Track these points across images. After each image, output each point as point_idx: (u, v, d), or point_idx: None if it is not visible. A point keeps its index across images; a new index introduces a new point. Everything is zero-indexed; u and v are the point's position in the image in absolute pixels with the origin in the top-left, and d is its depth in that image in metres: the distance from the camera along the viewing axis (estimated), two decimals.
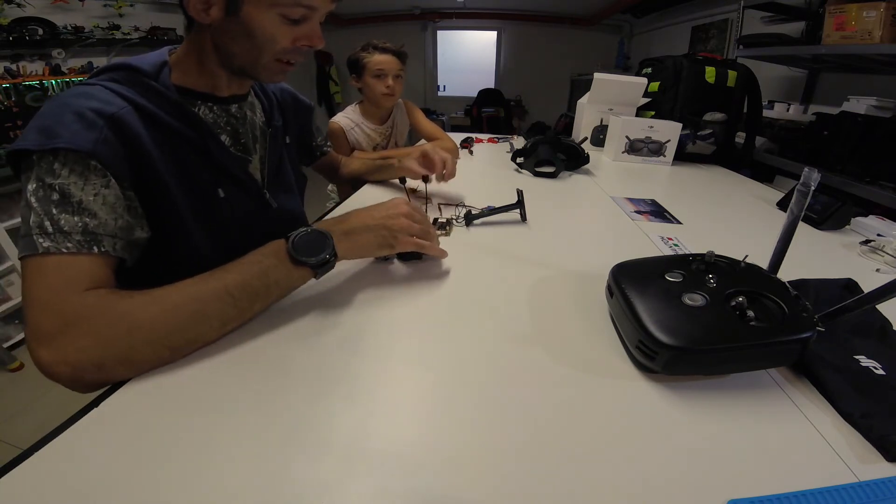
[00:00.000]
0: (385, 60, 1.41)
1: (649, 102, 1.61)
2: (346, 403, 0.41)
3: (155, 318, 0.43)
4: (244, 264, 0.50)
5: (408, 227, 0.60)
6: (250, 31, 0.57)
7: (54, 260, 0.45)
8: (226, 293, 0.47)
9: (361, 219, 0.59)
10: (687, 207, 1.02)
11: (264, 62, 0.60)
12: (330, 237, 0.54)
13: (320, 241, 0.54)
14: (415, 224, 0.61)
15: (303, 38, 0.60)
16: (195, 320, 0.45)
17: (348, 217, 0.59)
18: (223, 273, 0.48)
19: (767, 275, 0.50)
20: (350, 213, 0.60)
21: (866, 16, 1.40)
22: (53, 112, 0.49)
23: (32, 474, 0.33)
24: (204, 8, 0.55)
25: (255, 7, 0.55)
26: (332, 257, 0.54)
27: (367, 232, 0.58)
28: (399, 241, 0.59)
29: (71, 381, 0.41)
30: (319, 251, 0.53)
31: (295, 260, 0.51)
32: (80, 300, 0.43)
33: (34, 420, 1.50)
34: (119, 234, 0.50)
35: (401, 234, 0.59)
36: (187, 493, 0.32)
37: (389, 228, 0.59)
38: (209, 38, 0.59)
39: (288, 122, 0.82)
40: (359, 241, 0.57)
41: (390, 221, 0.59)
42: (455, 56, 5.79)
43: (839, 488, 0.33)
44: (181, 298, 0.45)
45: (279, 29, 0.57)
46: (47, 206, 0.46)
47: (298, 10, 0.57)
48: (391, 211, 0.60)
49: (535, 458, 0.36)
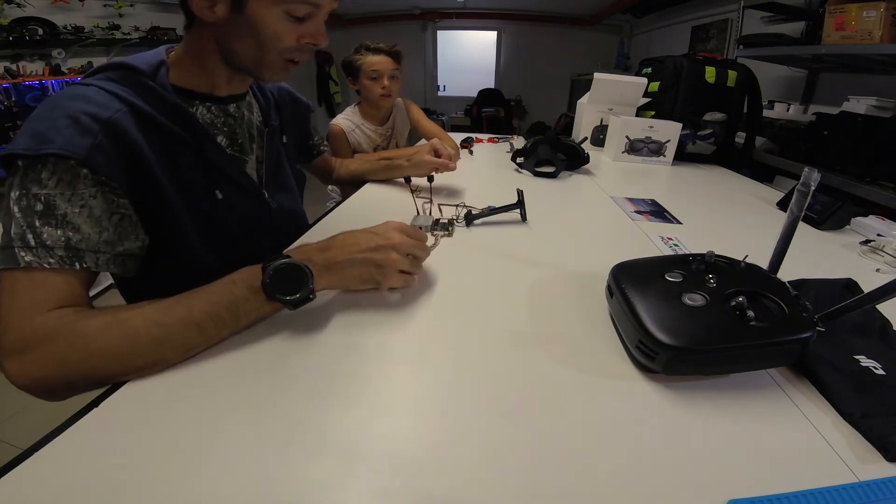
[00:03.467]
0: (379, 61, 1.41)
1: (649, 102, 1.61)
2: (346, 403, 0.41)
3: (112, 342, 0.42)
4: (214, 292, 0.47)
5: (398, 263, 0.55)
6: (255, 29, 0.56)
7: (31, 276, 0.44)
8: (191, 322, 0.44)
9: (347, 250, 0.53)
10: (687, 207, 1.02)
11: (269, 60, 0.60)
12: (309, 273, 0.49)
13: (298, 276, 0.49)
14: (405, 258, 0.56)
15: (307, 36, 0.60)
16: (156, 346, 0.43)
17: (333, 245, 0.54)
18: (190, 300, 0.46)
19: (767, 275, 0.50)
20: (335, 241, 0.55)
21: (866, 16, 1.40)
22: (47, 115, 0.48)
23: (32, 474, 0.33)
24: (209, 5, 0.54)
25: (261, 4, 0.55)
26: (310, 296, 0.49)
27: (352, 266, 0.53)
28: (386, 278, 0.55)
29: (40, 394, 0.43)
30: (296, 289, 0.48)
31: (269, 294, 0.48)
32: (43, 321, 0.42)
33: (34, 420, 1.49)
34: (102, 248, 0.50)
35: (389, 270, 0.54)
36: (187, 493, 0.32)
37: (378, 265, 0.54)
38: (211, 37, 0.59)
39: (286, 121, 0.82)
40: (341, 276, 0.53)
41: (378, 256, 0.54)
42: (455, 56, 5.79)
43: (839, 488, 0.33)
44: (142, 323, 0.43)
45: (284, 26, 0.57)
46: (30, 218, 0.45)
47: (304, 8, 0.57)
48: (381, 241, 0.54)
49: (535, 457, 0.36)
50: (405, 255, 0.56)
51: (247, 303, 0.47)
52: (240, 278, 0.48)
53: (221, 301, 0.46)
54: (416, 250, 0.57)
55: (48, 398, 0.43)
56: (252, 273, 0.49)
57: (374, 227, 0.57)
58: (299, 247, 0.54)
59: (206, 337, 0.45)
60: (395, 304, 0.57)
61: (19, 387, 0.42)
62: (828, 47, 1.57)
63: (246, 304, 0.47)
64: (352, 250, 0.53)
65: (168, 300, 0.45)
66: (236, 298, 0.47)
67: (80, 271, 0.47)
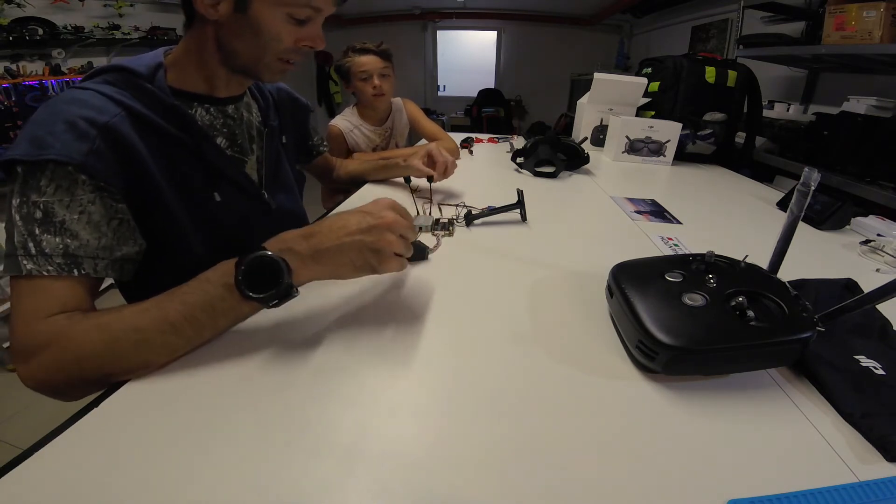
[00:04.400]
0: (367, 61, 1.40)
1: (649, 102, 1.61)
2: (346, 403, 0.41)
3: (96, 346, 0.43)
4: (188, 292, 0.45)
5: (394, 245, 0.47)
6: (257, 29, 0.57)
7: (32, 284, 0.46)
8: (167, 324, 0.43)
9: (336, 234, 0.46)
10: (687, 207, 1.02)
11: (267, 61, 0.60)
12: (285, 266, 0.44)
13: (274, 270, 0.44)
14: (399, 239, 0.49)
15: (305, 39, 0.60)
16: (136, 350, 0.43)
17: (318, 230, 0.47)
18: (166, 300, 0.44)
19: (767, 275, 0.50)
20: (322, 225, 0.48)
21: (866, 16, 1.40)
22: (45, 120, 0.49)
23: (32, 474, 0.33)
24: (213, 3, 0.55)
25: (264, 5, 0.55)
26: (288, 291, 0.45)
27: (343, 252, 0.46)
28: (383, 262, 0.47)
29: (50, 394, 0.45)
30: (272, 284, 0.44)
31: (242, 293, 0.44)
32: (41, 328, 0.44)
33: (34, 420, 1.49)
34: (101, 254, 0.50)
35: (386, 252, 0.47)
36: (187, 493, 0.32)
37: (372, 248, 0.46)
38: (212, 36, 0.59)
39: (285, 121, 0.82)
40: (331, 264, 0.47)
41: (371, 238, 0.46)
42: (455, 56, 5.79)
43: (839, 488, 0.33)
44: (121, 328, 0.43)
45: (284, 28, 0.57)
46: (30, 226, 0.46)
47: (305, 11, 0.57)
48: (374, 221, 0.47)
49: (535, 457, 0.36)
50: (399, 237, 0.49)
51: (223, 302, 0.45)
52: (214, 276, 0.46)
53: (196, 302, 0.44)
54: (408, 232, 0.50)
55: (58, 398, 0.46)
56: (227, 269, 0.45)
57: (365, 206, 0.50)
58: (279, 236, 0.48)
59: (186, 339, 0.45)
60: (396, 303, 0.57)
61: (31, 388, 0.44)
62: (828, 47, 1.57)
63: (222, 304, 0.45)
64: (340, 234, 0.46)
65: (146, 302, 0.45)
66: (211, 298, 0.45)
67: (80, 277, 0.48)
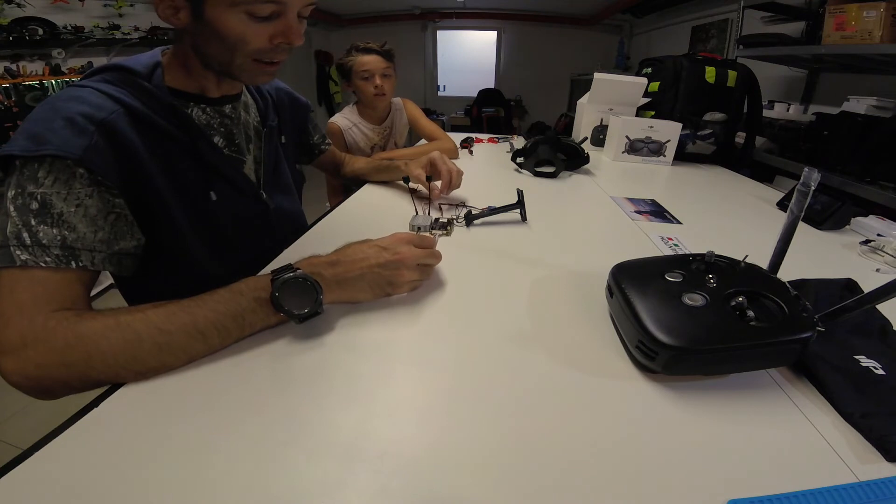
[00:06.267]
0: (369, 61, 1.41)
1: (649, 102, 1.61)
2: (346, 403, 0.41)
3: (114, 346, 0.41)
4: (219, 301, 0.46)
5: (407, 277, 0.56)
6: (218, 34, 0.54)
7: (29, 274, 0.44)
8: (195, 330, 0.44)
9: (358, 266, 0.53)
10: (687, 207, 1.02)
11: (239, 63, 0.58)
12: (319, 288, 0.49)
13: (308, 290, 0.49)
14: (415, 273, 0.57)
15: (279, 36, 0.57)
16: (158, 352, 0.42)
17: (342, 260, 0.54)
18: (195, 306, 0.45)
19: (767, 275, 0.50)
20: (344, 255, 0.55)
21: (866, 16, 1.40)
22: (44, 117, 0.49)
23: (32, 474, 0.33)
24: (173, 13, 0.54)
25: (215, 8, 0.53)
26: (318, 311, 0.50)
27: (362, 281, 0.54)
28: (397, 290, 0.57)
29: (34, 392, 0.42)
30: (305, 303, 0.48)
31: (278, 307, 0.47)
32: (44, 322, 0.42)
33: (34, 420, 1.49)
34: (98, 247, 0.50)
35: (399, 283, 0.56)
36: (187, 494, 0.32)
37: (389, 281, 0.55)
38: (189, 42, 0.59)
39: (284, 121, 0.82)
40: (351, 290, 0.54)
41: (388, 272, 0.55)
42: (455, 56, 5.80)
43: (839, 488, 0.33)
44: (145, 328, 0.42)
45: (248, 28, 0.54)
46: (26, 216, 0.45)
47: (266, 7, 0.54)
48: (390, 257, 0.55)
49: (535, 457, 0.36)
50: (415, 267, 0.57)
51: (253, 314, 0.47)
52: (247, 288, 0.48)
53: (227, 311, 0.46)
54: (426, 259, 0.58)
55: (41, 397, 0.43)
56: (259, 284, 0.48)
57: (382, 241, 0.57)
58: (308, 259, 0.54)
59: (209, 345, 0.45)
60: (396, 303, 0.57)
61: (12, 384, 0.41)
62: (828, 47, 1.57)
63: (252, 315, 0.47)
64: (362, 266, 0.54)
65: (172, 305, 0.45)
66: (242, 309, 0.46)
67: (77, 270, 0.47)
